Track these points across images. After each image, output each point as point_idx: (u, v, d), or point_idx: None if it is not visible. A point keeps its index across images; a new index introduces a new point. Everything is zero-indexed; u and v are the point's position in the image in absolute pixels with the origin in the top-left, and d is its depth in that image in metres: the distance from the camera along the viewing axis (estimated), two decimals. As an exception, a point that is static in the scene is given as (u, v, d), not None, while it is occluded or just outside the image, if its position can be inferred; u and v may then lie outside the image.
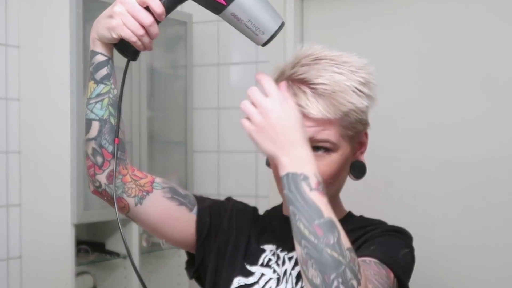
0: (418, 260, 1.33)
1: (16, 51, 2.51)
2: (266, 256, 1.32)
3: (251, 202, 1.47)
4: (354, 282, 1.04)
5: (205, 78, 3.01)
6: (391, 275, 1.21)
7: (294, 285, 1.27)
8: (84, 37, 2.44)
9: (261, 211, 1.46)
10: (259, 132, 1.12)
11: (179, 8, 1.26)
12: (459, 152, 2.54)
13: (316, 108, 1.21)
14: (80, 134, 2.42)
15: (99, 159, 1.24)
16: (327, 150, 1.24)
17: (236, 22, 1.15)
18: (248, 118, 1.13)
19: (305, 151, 1.11)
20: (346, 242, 1.07)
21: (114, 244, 2.67)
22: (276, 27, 1.17)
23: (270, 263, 1.31)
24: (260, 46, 1.20)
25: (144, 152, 2.72)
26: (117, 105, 1.22)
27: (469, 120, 2.52)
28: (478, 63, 2.51)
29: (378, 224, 1.34)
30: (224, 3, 1.13)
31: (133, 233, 2.65)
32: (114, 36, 1.16)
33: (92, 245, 2.63)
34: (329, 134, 1.23)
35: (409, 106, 2.62)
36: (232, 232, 1.36)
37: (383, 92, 1.29)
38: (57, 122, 2.44)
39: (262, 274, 1.30)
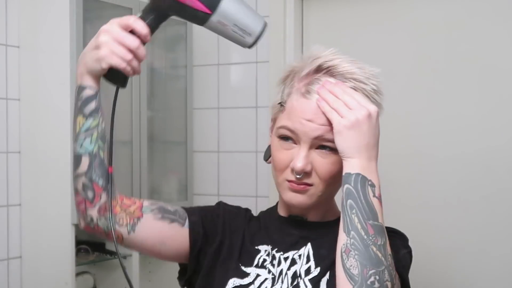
0: (418, 260, 1.34)
1: (16, 51, 2.51)
2: (261, 256, 1.32)
3: (251, 202, 1.47)
4: (389, 284, 1.12)
5: (205, 78, 3.01)
6: (396, 275, 1.23)
7: (289, 285, 1.27)
8: (84, 37, 2.44)
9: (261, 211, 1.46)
10: (350, 128, 1.18)
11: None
12: (459, 151, 2.54)
13: None
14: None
15: (90, 194, 1.23)
16: (333, 150, 1.24)
17: (221, 29, 1.16)
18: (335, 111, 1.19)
19: (376, 166, 1.20)
20: (389, 248, 1.15)
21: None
22: (260, 28, 1.18)
23: (265, 264, 1.31)
24: (260, 46, 1.21)
25: (144, 152, 2.72)
26: (110, 133, 1.22)
27: (469, 119, 2.52)
28: (478, 63, 2.51)
29: None
30: (209, 12, 1.14)
31: (133, 233, 2.65)
32: (104, 66, 1.16)
33: (92, 245, 2.63)
34: None
35: (409, 105, 2.61)
36: (226, 236, 1.36)
37: (383, 91, 1.29)
38: (57, 122, 2.44)
39: (258, 275, 1.30)
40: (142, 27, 1.16)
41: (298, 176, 1.25)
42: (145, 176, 2.72)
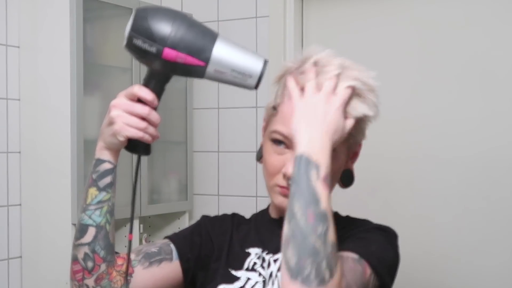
0: (418, 260, 1.34)
1: (16, 51, 2.52)
2: (251, 260, 1.32)
3: (251, 202, 1.47)
4: (327, 273, 1.06)
5: (205, 78, 3.01)
6: (368, 271, 1.21)
7: (279, 286, 1.26)
8: (84, 37, 2.44)
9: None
10: (303, 104, 1.16)
11: (179, 7, 1.26)
12: (459, 151, 2.53)
13: None
14: (80, 134, 2.42)
15: (90, 264, 1.24)
16: None
17: (221, 77, 1.15)
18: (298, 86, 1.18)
19: (327, 143, 1.14)
20: (332, 236, 1.09)
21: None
22: (259, 67, 1.16)
23: (255, 267, 1.31)
24: (258, 47, 1.20)
25: (144, 152, 2.71)
26: (132, 202, 1.23)
27: (469, 119, 2.52)
28: (478, 62, 2.51)
29: (362, 223, 1.35)
30: (203, 64, 1.13)
31: (133, 233, 2.65)
32: (121, 139, 1.16)
33: (92, 245, 2.63)
34: None
35: (409, 105, 2.61)
36: (213, 246, 1.37)
37: (383, 91, 1.29)
38: (57, 122, 2.44)
39: (248, 279, 1.30)
40: (147, 94, 1.16)
41: (290, 182, 1.25)
42: (145, 176, 2.73)
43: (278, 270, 1.28)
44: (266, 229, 1.35)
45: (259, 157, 1.35)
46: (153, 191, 2.86)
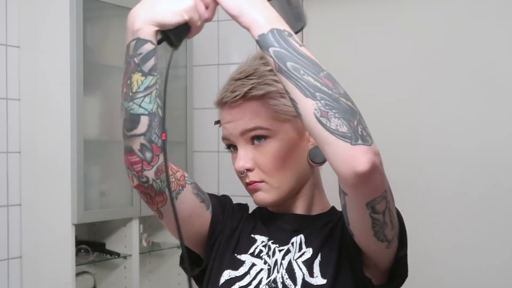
0: (418, 259, 1.34)
1: (16, 51, 2.51)
2: (258, 246, 1.31)
3: (250, 202, 1.47)
4: (368, 130, 1.05)
5: (205, 78, 3.01)
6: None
7: (284, 270, 1.25)
8: (84, 37, 2.44)
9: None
10: None
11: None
12: (459, 151, 2.54)
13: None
14: (80, 134, 2.42)
15: (149, 155, 1.16)
16: (266, 137, 1.24)
17: (285, 5, 1.15)
18: None
19: (274, 11, 1.09)
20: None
21: (114, 244, 2.68)
22: (304, 22, 1.18)
23: (261, 254, 1.29)
24: (258, 47, 1.20)
25: (144, 152, 2.71)
26: (163, 97, 1.16)
27: (469, 119, 2.52)
28: (478, 62, 2.51)
29: None
30: None
31: (133, 233, 2.65)
32: (186, 17, 1.10)
33: (92, 245, 2.63)
34: (258, 122, 1.24)
35: (409, 105, 2.61)
36: (227, 230, 1.35)
37: (384, 91, 1.29)
38: (57, 122, 2.44)
39: (253, 264, 1.28)
40: None
41: (242, 175, 1.27)
42: (145, 176, 2.72)
43: (283, 258, 1.27)
44: (270, 222, 1.33)
45: None
46: (153, 191, 2.86)
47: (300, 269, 1.24)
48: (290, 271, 1.25)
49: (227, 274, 1.29)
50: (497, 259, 2.47)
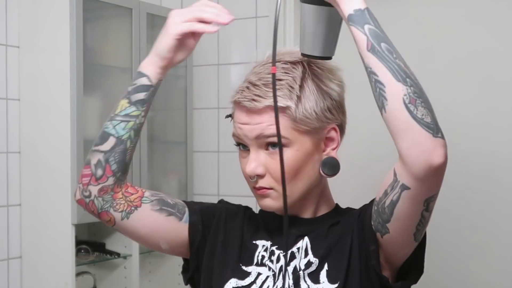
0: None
1: (16, 51, 2.51)
2: (259, 253, 1.30)
3: (251, 202, 1.47)
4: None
5: (205, 78, 3.01)
6: None
7: (290, 280, 1.25)
8: (84, 37, 2.44)
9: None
10: None
11: (178, 7, 1.26)
12: (459, 151, 2.53)
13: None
14: (80, 134, 2.42)
15: (99, 172, 1.24)
16: (282, 144, 1.22)
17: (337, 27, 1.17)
18: None
19: None
20: None
21: (114, 244, 2.68)
22: (318, 54, 1.22)
23: (264, 261, 1.29)
24: (258, 47, 1.20)
25: (144, 152, 2.72)
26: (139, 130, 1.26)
27: (469, 119, 2.52)
28: (479, 62, 2.51)
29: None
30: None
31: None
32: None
33: (92, 245, 2.63)
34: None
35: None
36: (221, 232, 1.35)
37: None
38: (57, 122, 2.44)
39: (259, 274, 1.28)
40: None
41: (252, 180, 1.25)
42: (145, 176, 2.72)
43: (288, 264, 1.26)
44: (274, 226, 1.33)
45: None
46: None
47: (305, 281, 1.24)
48: (296, 284, 1.24)
49: (234, 282, 1.29)
50: (497, 260, 2.46)
